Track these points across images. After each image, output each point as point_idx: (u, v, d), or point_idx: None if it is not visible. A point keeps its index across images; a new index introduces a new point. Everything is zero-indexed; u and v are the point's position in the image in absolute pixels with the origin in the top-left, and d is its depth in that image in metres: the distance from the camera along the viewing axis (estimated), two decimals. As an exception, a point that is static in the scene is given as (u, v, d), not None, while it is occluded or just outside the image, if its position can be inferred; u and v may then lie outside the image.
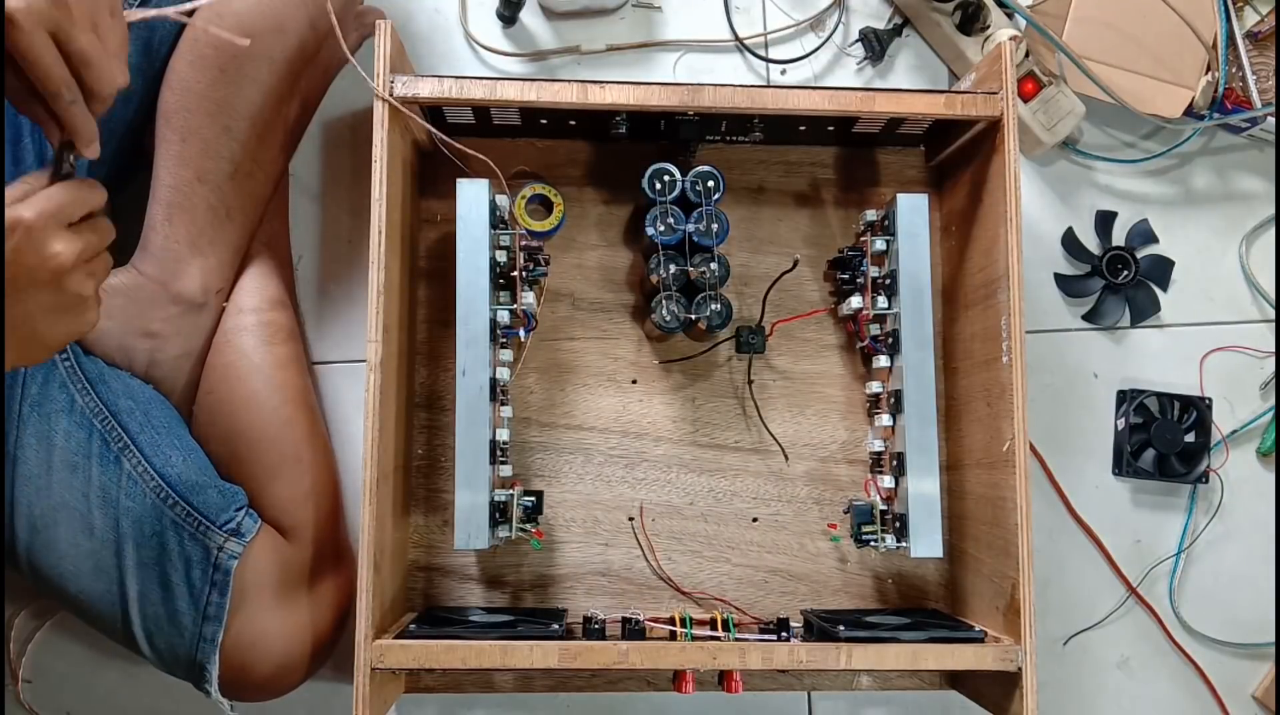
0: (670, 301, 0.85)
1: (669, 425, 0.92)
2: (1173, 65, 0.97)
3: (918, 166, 0.96)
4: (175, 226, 0.82)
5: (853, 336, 0.93)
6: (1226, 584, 0.97)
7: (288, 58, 0.82)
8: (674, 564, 0.91)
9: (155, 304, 0.83)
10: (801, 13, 1.00)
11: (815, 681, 0.92)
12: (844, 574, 0.92)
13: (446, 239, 0.92)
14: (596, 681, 0.90)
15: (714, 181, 0.86)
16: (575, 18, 0.98)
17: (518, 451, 0.91)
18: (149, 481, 0.79)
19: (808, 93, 0.82)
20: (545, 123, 0.89)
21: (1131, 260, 0.98)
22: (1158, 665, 0.96)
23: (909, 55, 1.00)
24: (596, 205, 0.93)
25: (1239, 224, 1.02)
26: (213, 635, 0.79)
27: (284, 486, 0.84)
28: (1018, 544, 0.78)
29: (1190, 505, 0.98)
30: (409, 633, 0.77)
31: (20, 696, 0.91)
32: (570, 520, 0.91)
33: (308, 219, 0.95)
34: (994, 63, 0.84)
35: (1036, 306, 0.98)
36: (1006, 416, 0.80)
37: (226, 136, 0.82)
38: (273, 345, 0.86)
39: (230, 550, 0.79)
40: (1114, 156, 1.01)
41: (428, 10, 0.98)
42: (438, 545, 0.90)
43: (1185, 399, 0.97)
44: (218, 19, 0.79)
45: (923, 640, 0.78)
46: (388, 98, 0.79)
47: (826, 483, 0.92)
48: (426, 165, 0.92)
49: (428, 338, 0.91)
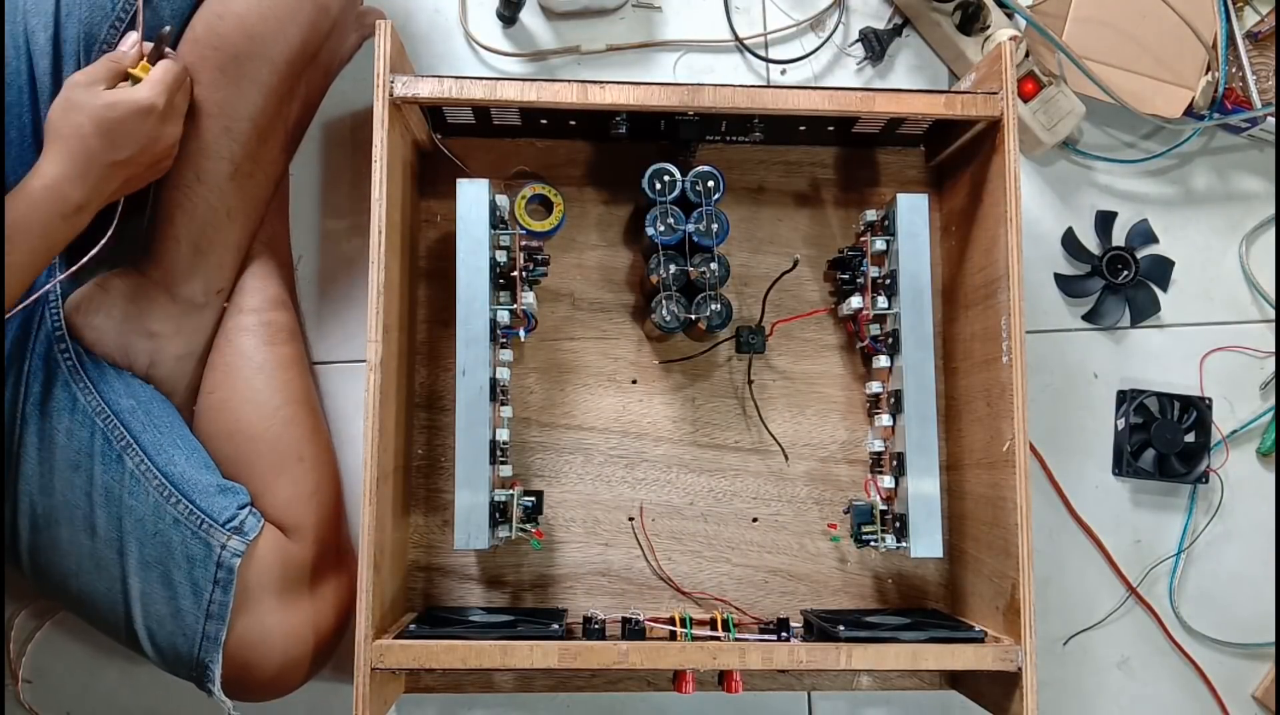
0: (670, 301, 0.85)
1: (669, 425, 0.92)
2: (1173, 65, 0.97)
3: (918, 166, 0.96)
4: (176, 226, 0.82)
5: (853, 336, 0.93)
6: (1226, 584, 0.97)
7: (288, 58, 0.83)
8: (674, 564, 0.91)
9: (156, 304, 0.83)
10: (801, 13, 1.00)
11: (815, 681, 0.92)
12: (844, 574, 0.92)
13: (446, 239, 0.92)
14: (596, 681, 0.90)
15: (714, 181, 0.86)
16: (575, 18, 0.98)
17: (518, 451, 0.91)
18: (151, 480, 0.79)
19: (808, 93, 0.82)
20: (545, 123, 0.89)
21: (1131, 260, 0.98)
22: (1158, 665, 0.96)
23: (909, 55, 1.01)
24: (596, 205, 0.93)
25: (1239, 224, 1.02)
26: (216, 634, 0.79)
27: (286, 486, 0.85)
28: (1018, 544, 0.78)
29: (1190, 505, 0.98)
30: (409, 633, 0.77)
31: (20, 696, 0.91)
32: (570, 520, 0.91)
33: (308, 219, 0.95)
34: (994, 63, 0.84)
35: (1036, 306, 0.98)
36: (1006, 416, 0.80)
37: (227, 137, 0.82)
38: (274, 345, 0.86)
39: (233, 548, 0.79)
40: (1114, 156, 1.01)
41: (428, 10, 0.98)
42: (438, 545, 0.90)
43: (1185, 399, 0.97)
44: (218, 19, 0.80)
45: (923, 640, 0.78)
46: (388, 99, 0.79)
47: (826, 483, 0.92)
48: (426, 165, 0.92)
49: (428, 338, 0.91)
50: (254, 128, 0.83)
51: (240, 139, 0.82)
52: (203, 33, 0.80)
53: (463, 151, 0.91)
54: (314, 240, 0.95)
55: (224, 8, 0.80)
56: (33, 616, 0.91)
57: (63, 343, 0.80)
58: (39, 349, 0.80)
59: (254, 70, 0.81)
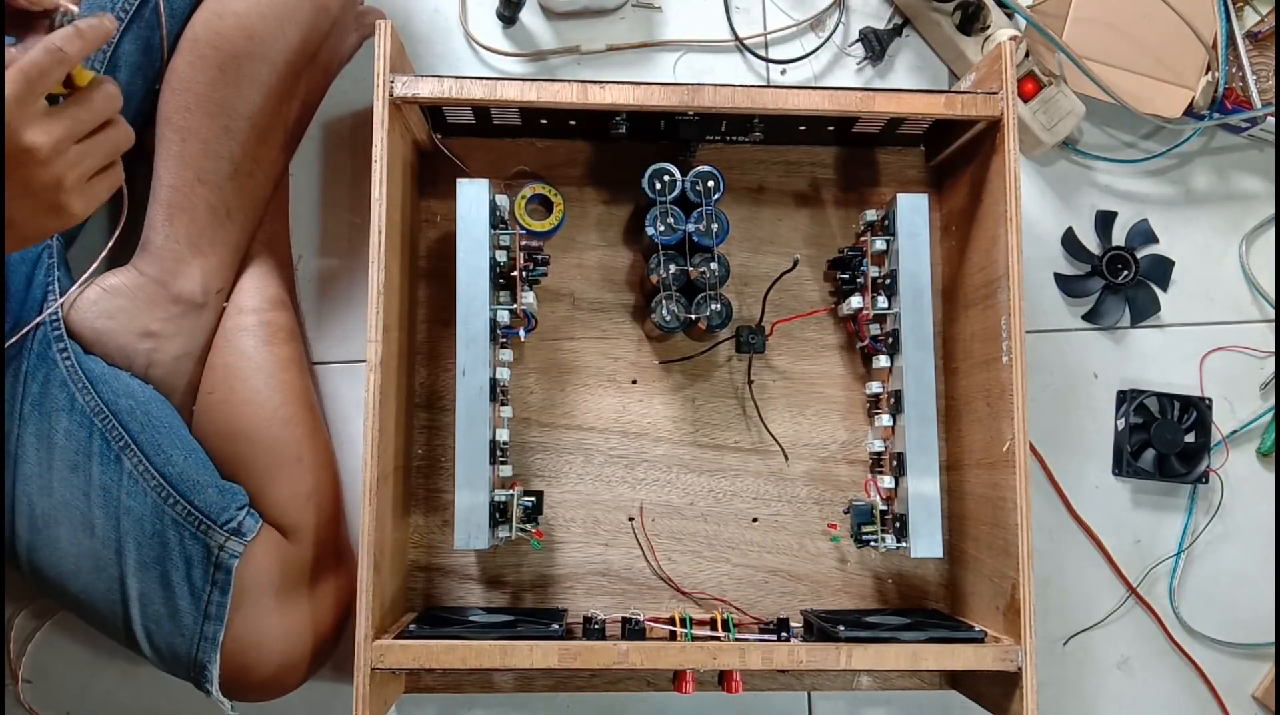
0: (670, 301, 0.85)
1: (669, 425, 0.92)
2: (1173, 65, 0.97)
3: (918, 166, 0.96)
4: (175, 226, 0.82)
5: (853, 336, 0.93)
6: (1226, 584, 0.97)
7: (288, 58, 0.83)
8: (674, 564, 0.91)
9: (155, 304, 0.83)
10: (801, 13, 1.00)
11: (815, 681, 0.92)
12: (844, 574, 0.92)
13: (446, 239, 0.92)
14: (596, 681, 0.90)
15: (714, 181, 0.86)
16: (575, 18, 0.98)
17: (518, 451, 0.91)
18: (150, 480, 0.79)
19: (808, 93, 0.82)
20: (545, 123, 0.89)
21: (1131, 260, 0.98)
22: (1158, 665, 0.96)
23: (909, 55, 1.00)
24: (596, 205, 0.93)
25: (1239, 224, 1.02)
26: (214, 635, 0.79)
27: (285, 486, 0.84)
28: (1018, 544, 0.78)
29: (1190, 505, 0.98)
30: (409, 633, 0.77)
31: (20, 696, 0.91)
32: (570, 520, 0.91)
33: (308, 219, 0.95)
34: (994, 63, 0.84)
35: (1036, 306, 0.98)
36: (1006, 416, 0.80)
37: (226, 136, 0.82)
38: (273, 345, 0.86)
39: (231, 549, 0.79)
40: (1114, 156, 1.01)
41: (428, 10, 0.98)
42: (438, 545, 0.90)
43: (1185, 399, 0.97)
44: (217, 19, 0.80)
45: (923, 640, 0.78)
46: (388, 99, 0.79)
47: (826, 483, 0.92)
48: (426, 165, 0.92)
49: (428, 338, 0.91)
50: (253, 127, 0.83)
51: (240, 139, 0.82)
52: (202, 32, 0.80)
53: (463, 151, 0.91)
54: (314, 240, 0.95)
55: (223, 7, 0.80)
56: (33, 616, 0.91)
57: (61, 342, 0.80)
58: (37, 348, 0.80)
59: (253, 70, 0.81)
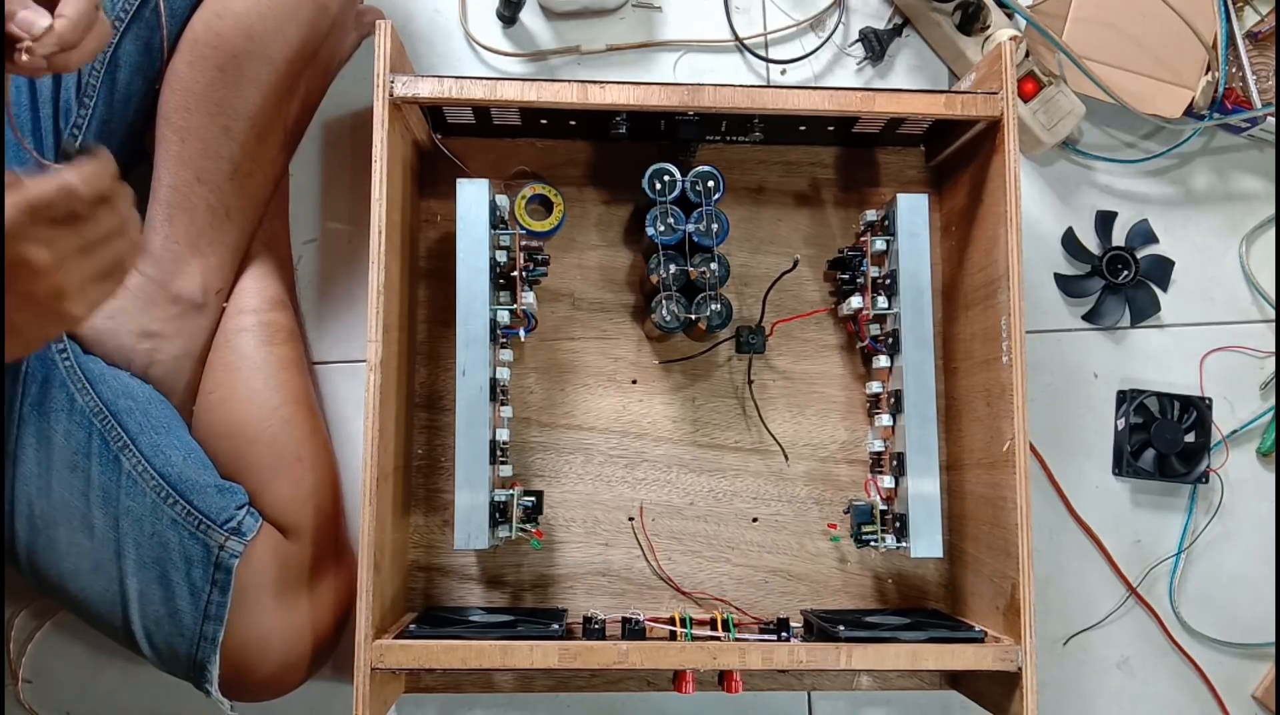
0: (670, 301, 0.85)
1: (669, 425, 0.92)
2: (1173, 65, 0.97)
3: (918, 166, 0.96)
4: (175, 227, 0.82)
5: (853, 336, 0.93)
6: (1226, 584, 0.97)
7: (287, 58, 0.82)
8: (674, 564, 0.91)
9: (155, 304, 0.83)
10: (801, 13, 1.00)
11: (815, 681, 0.92)
12: (844, 574, 0.92)
13: (446, 239, 0.92)
14: (596, 681, 0.90)
15: (714, 181, 0.86)
16: (575, 18, 0.98)
17: (518, 451, 0.91)
18: (149, 481, 0.79)
19: (808, 93, 0.82)
20: (545, 123, 0.89)
21: (1131, 260, 0.98)
22: (1158, 665, 0.96)
23: (909, 55, 1.00)
24: (596, 205, 0.93)
25: (1239, 224, 1.02)
26: (213, 634, 0.79)
27: (284, 486, 0.84)
28: (1018, 544, 0.78)
29: (1190, 505, 0.98)
30: (409, 633, 0.77)
31: (20, 696, 0.91)
32: (570, 520, 0.91)
33: (308, 219, 0.95)
34: (994, 63, 0.84)
35: (1036, 306, 0.98)
36: (1006, 416, 0.80)
37: (226, 136, 0.82)
38: (273, 345, 0.86)
39: (231, 549, 0.79)
40: (1114, 156, 1.01)
41: (428, 10, 0.98)
42: (438, 545, 0.90)
43: (1185, 399, 0.97)
44: (217, 18, 0.79)
45: (923, 640, 0.78)
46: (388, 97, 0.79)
47: (826, 483, 0.92)
48: (426, 165, 0.92)
49: (428, 338, 0.91)
50: (253, 127, 0.83)
51: (239, 139, 0.82)
52: (201, 32, 0.80)
53: (463, 151, 0.91)
54: (314, 240, 0.95)
55: (223, 7, 0.80)
56: (33, 616, 0.91)
57: (61, 343, 0.80)
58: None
59: (253, 70, 0.81)
